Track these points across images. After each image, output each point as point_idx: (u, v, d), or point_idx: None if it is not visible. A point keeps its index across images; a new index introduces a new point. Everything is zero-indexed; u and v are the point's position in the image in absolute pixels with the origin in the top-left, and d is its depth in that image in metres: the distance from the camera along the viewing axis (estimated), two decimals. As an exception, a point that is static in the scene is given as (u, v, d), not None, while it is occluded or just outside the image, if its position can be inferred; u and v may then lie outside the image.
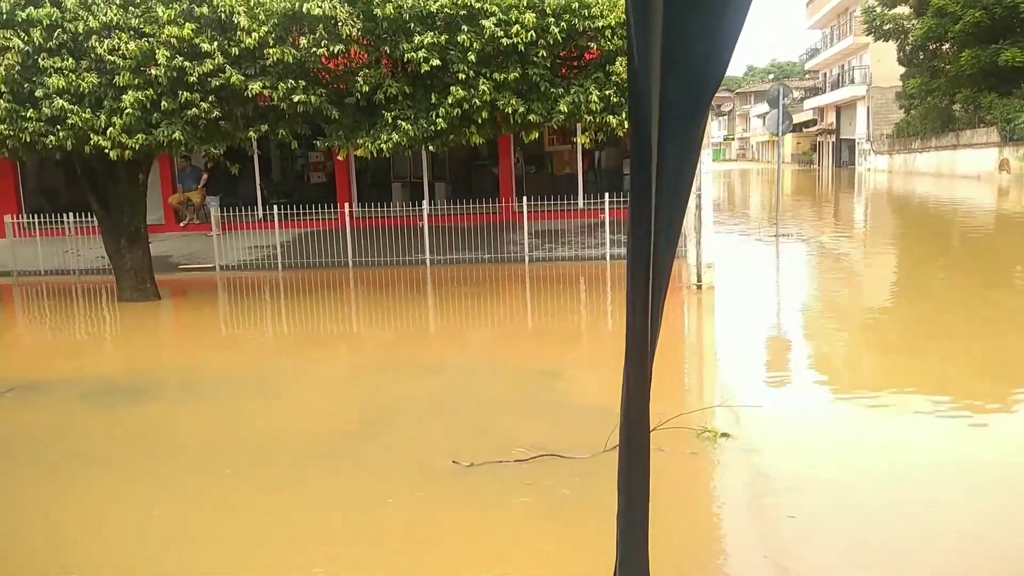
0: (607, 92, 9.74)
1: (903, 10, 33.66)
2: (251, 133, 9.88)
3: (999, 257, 13.78)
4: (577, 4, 9.49)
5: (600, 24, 9.61)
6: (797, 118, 64.17)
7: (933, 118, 36.10)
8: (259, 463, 5.06)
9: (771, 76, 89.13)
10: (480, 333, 9.47)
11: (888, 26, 34.46)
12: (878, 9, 34.88)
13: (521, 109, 9.73)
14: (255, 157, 16.86)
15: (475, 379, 6.97)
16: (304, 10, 8.94)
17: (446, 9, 9.28)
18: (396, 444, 5.29)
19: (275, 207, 14.52)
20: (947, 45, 32.07)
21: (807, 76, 67.95)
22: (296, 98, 9.27)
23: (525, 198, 13.82)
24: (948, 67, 32.36)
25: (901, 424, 5.39)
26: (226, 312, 11.51)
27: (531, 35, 9.35)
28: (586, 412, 5.69)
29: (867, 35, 37.09)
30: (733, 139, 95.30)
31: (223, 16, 9.15)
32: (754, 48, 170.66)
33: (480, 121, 9.89)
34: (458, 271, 13.22)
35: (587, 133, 10.71)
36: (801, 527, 3.96)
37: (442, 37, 9.33)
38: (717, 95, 1.22)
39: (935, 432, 5.23)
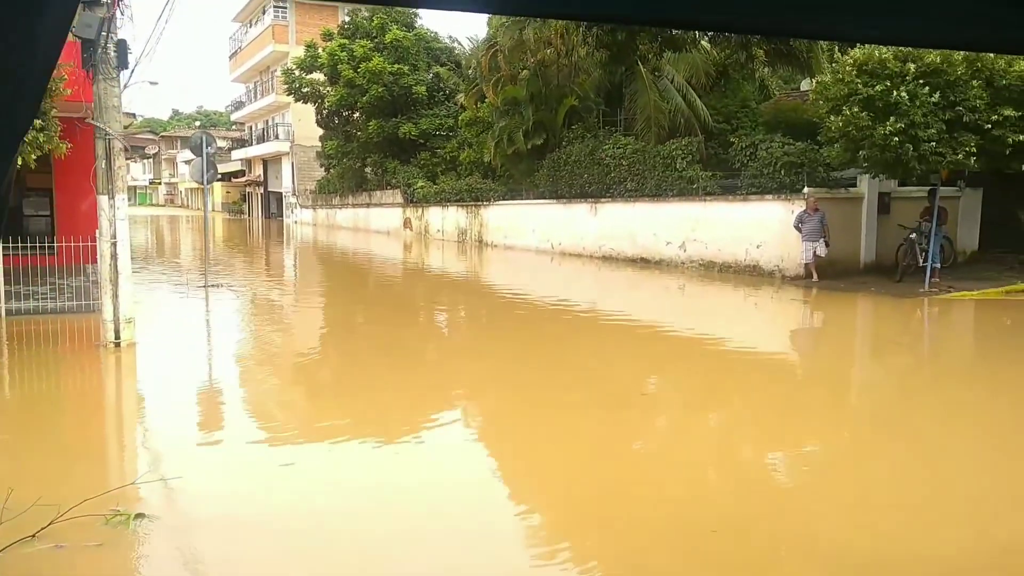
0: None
1: (319, 76, 36.46)
2: None
3: (407, 302, 15.65)
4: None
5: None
6: (226, 168, 64.40)
7: (349, 177, 39.98)
8: None
9: (198, 123, 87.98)
10: None
11: (306, 89, 36.97)
12: (296, 72, 37.13)
13: None
14: None
15: None
16: None
17: None
18: None
19: None
20: (357, 113, 35.80)
21: (234, 127, 68.83)
22: None
23: None
24: (360, 133, 36.20)
25: (330, 467, 5.45)
26: None
27: None
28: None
29: (287, 95, 39.20)
30: (160, 183, 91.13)
31: None
32: (181, 92, 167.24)
33: None
34: None
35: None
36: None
37: None
38: (139, 136, 1.08)
39: (369, 474, 5.41)
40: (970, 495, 5.15)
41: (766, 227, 16.00)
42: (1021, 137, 12.24)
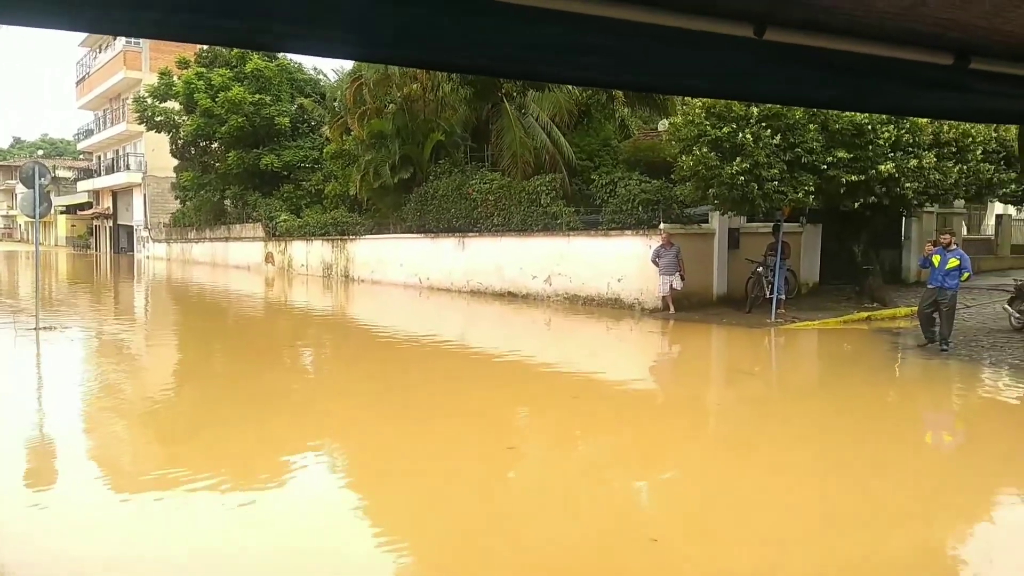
0: None
1: (174, 105, 34.86)
2: None
3: (267, 342, 14.93)
4: None
5: None
6: (71, 200, 60.37)
7: (207, 210, 38.21)
8: None
9: (40, 151, 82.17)
10: None
11: (160, 118, 35.25)
12: (149, 100, 35.38)
13: None
14: None
15: None
16: None
17: None
18: None
19: None
20: (216, 144, 34.42)
21: (81, 156, 64.73)
22: None
23: None
24: (218, 164, 34.76)
25: (175, 516, 4.97)
26: None
27: None
28: None
29: (140, 124, 37.24)
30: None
31: None
32: (23, 119, 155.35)
33: None
34: None
35: None
36: None
37: None
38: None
39: (213, 522, 4.96)
40: (821, 512, 5.32)
41: (626, 261, 16.47)
42: (853, 177, 13.22)
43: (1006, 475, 6.43)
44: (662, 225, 15.88)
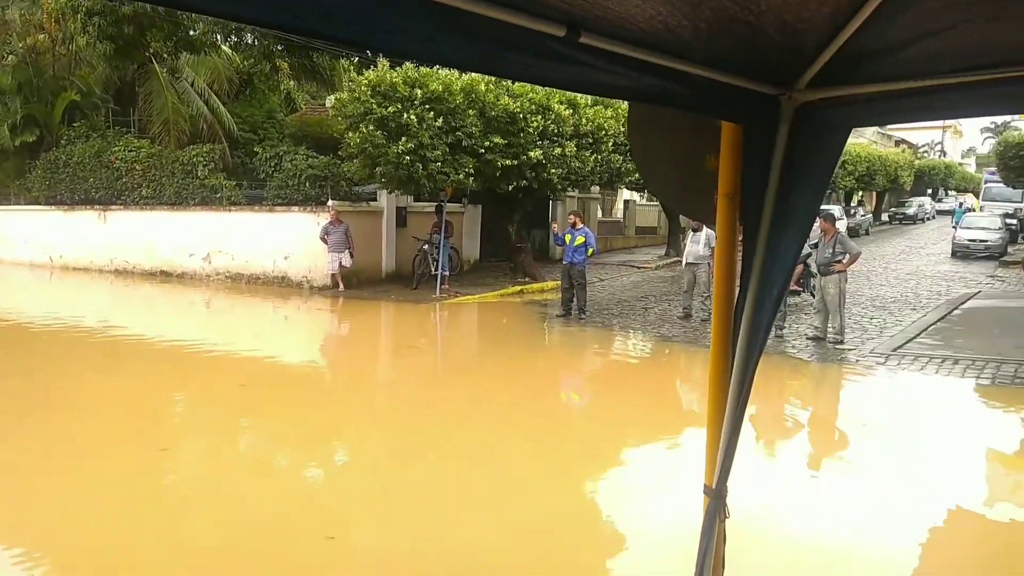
0: None
1: None
2: None
3: None
4: None
5: None
6: None
7: None
8: None
9: None
10: None
11: None
12: None
13: None
14: None
15: None
16: None
17: None
18: None
19: None
20: None
21: None
22: None
23: None
24: None
25: None
26: None
27: None
28: None
29: None
30: None
31: None
32: None
33: None
34: None
35: None
36: None
37: None
38: None
39: None
40: (492, 479, 5.66)
41: (294, 238, 15.98)
42: (507, 162, 14.22)
43: (636, 422, 7.43)
44: (330, 202, 15.67)
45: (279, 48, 20.25)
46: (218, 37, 20.62)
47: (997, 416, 7.79)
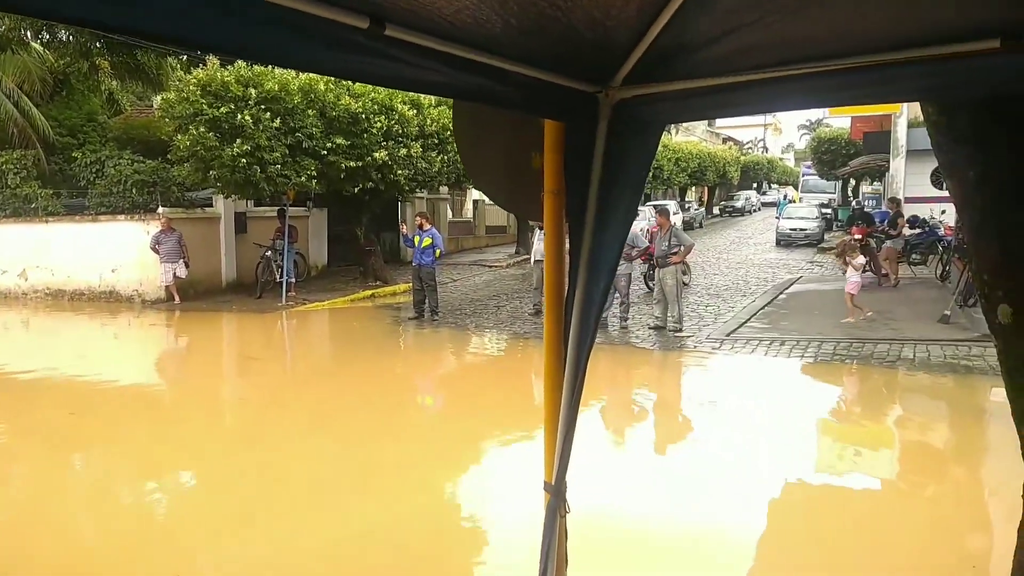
0: None
1: None
2: None
3: None
4: None
5: None
6: None
7: None
8: None
9: None
10: None
11: None
12: None
13: None
14: None
15: None
16: None
17: None
18: None
19: None
20: None
21: None
22: None
23: None
24: None
25: None
26: None
27: None
28: None
29: None
30: None
31: None
32: None
33: None
34: None
35: None
36: None
37: None
38: None
39: None
40: (351, 486, 5.47)
41: (121, 249, 14.90)
42: (352, 163, 13.90)
43: (491, 421, 7.45)
44: (161, 209, 14.73)
45: (98, 45, 18.82)
46: (27, 34, 18.88)
47: (822, 389, 8.46)
